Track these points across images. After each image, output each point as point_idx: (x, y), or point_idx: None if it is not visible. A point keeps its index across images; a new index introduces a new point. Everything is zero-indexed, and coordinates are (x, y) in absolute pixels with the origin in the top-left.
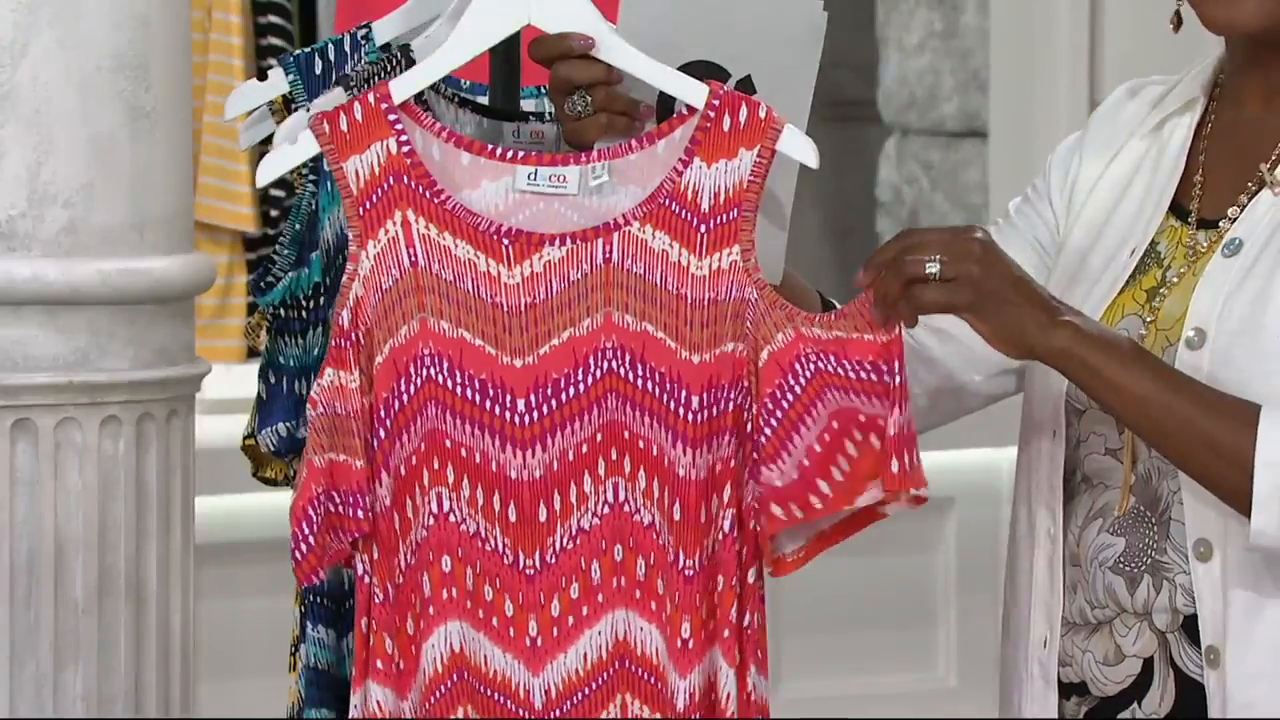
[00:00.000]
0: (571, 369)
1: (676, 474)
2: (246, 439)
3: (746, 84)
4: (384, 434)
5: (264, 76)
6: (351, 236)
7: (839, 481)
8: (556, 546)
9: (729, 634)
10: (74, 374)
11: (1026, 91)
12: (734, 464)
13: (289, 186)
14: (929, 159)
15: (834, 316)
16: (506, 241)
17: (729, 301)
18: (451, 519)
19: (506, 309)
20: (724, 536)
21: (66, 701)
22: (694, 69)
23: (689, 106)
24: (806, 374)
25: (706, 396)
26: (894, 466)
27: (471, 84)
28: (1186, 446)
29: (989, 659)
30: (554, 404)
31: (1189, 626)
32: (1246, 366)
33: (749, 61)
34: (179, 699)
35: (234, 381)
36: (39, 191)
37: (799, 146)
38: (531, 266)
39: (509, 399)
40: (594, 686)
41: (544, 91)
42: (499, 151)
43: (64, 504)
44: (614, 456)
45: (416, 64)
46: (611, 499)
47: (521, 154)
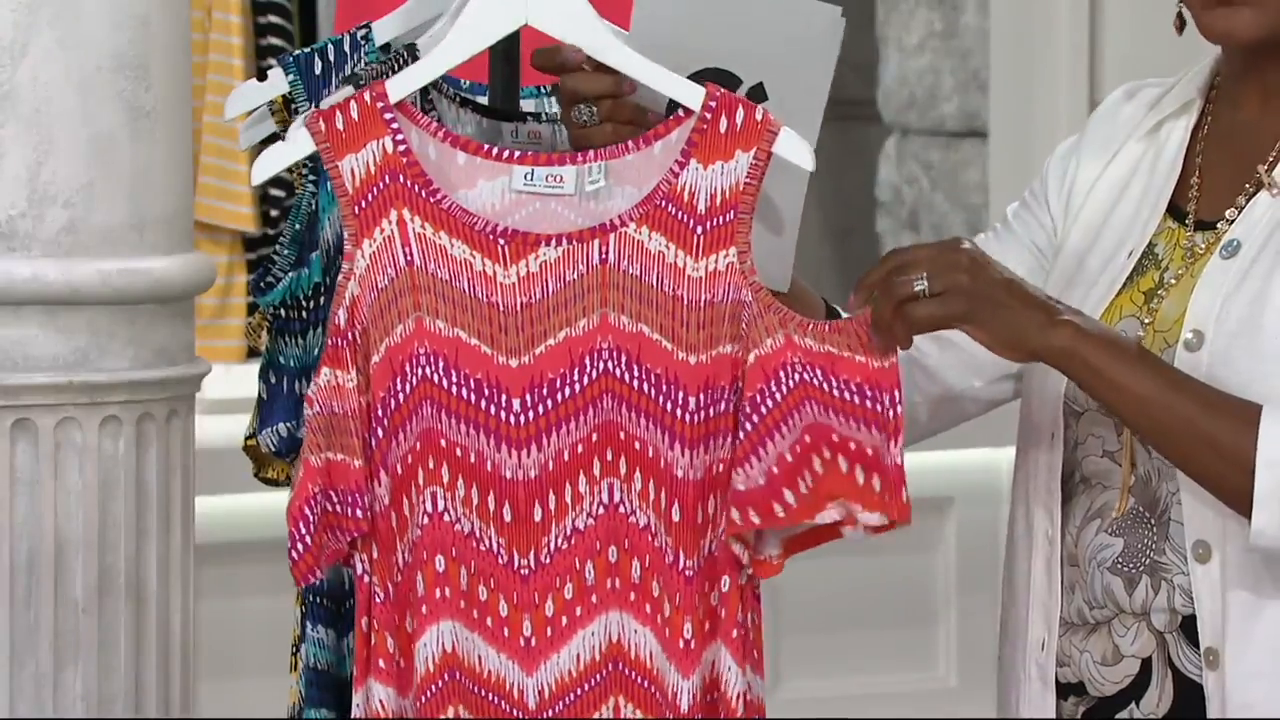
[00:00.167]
0: (567, 369)
1: (674, 475)
2: (247, 439)
3: (758, 91)
4: (382, 433)
5: (264, 76)
6: (347, 235)
7: (803, 494)
8: (551, 547)
9: (738, 634)
10: (74, 374)
11: (1026, 91)
12: None
13: (289, 186)
14: (929, 159)
15: (829, 329)
16: (502, 241)
17: (725, 303)
18: (446, 518)
19: (502, 309)
20: (726, 537)
21: (66, 701)
22: (705, 76)
23: (685, 108)
24: (790, 383)
25: (704, 397)
26: (904, 497)
27: (472, 84)
28: (1187, 446)
29: (989, 659)
30: (549, 404)
31: (1187, 627)
32: (1245, 368)
33: (764, 68)
34: (179, 699)
35: (234, 381)
36: (39, 191)
37: (795, 149)
38: (527, 266)
39: (504, 398)
40: (586, 688)
41: (544, 91)
42: (495, 151)
43: (64, 504)
44: (609, 457)
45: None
46: (606, 500)
47: (518, 154)
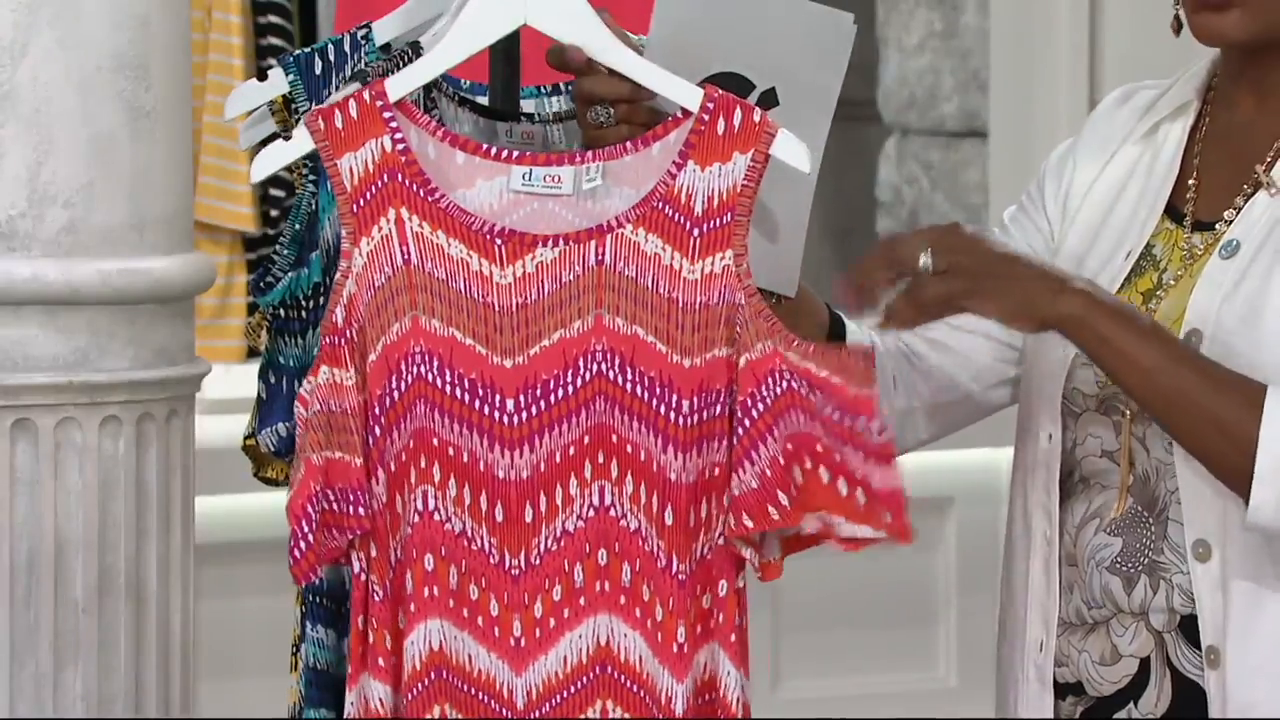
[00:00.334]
0: (561, 370)
1: (667, 478)
2: (247, 439)
3: (770, 95)
4: (379, 431)
5: (264, 76)
6: (345, 233)
7: (794, 497)
8: (541, 548)
9: (735, 638)
10: (74, 374)
11: (1026, 91)
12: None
13: (289, 186)
14: (929, 159)
15: (811, 349)
16: (499, 241)
17: (721, 306)
18: (436, 517)
19: (498, 309)
20: (722, 540)
21: (66, 701)
22: (720, 80)
23: (683, 109)
24: (780, 387)
25: (697, 400)
26: (905, 518)
27: (472, 84)
28: (1191, 420)
29: (989, 659)
30: (543, 405)
31: (1186, 627)
32: (1244, 367)
33: (776, 73)
34: (179, 699)
35: (234, 381)
36: (39, 191)
37: (792, 151)
38: (524, 267)
39: (498, 399)
40: (573, 690)
41: (543, 91)
42: (494, 151)
43: (64, 504)
44: (600, 460)
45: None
46: (597, 502)
47: (516, 154)
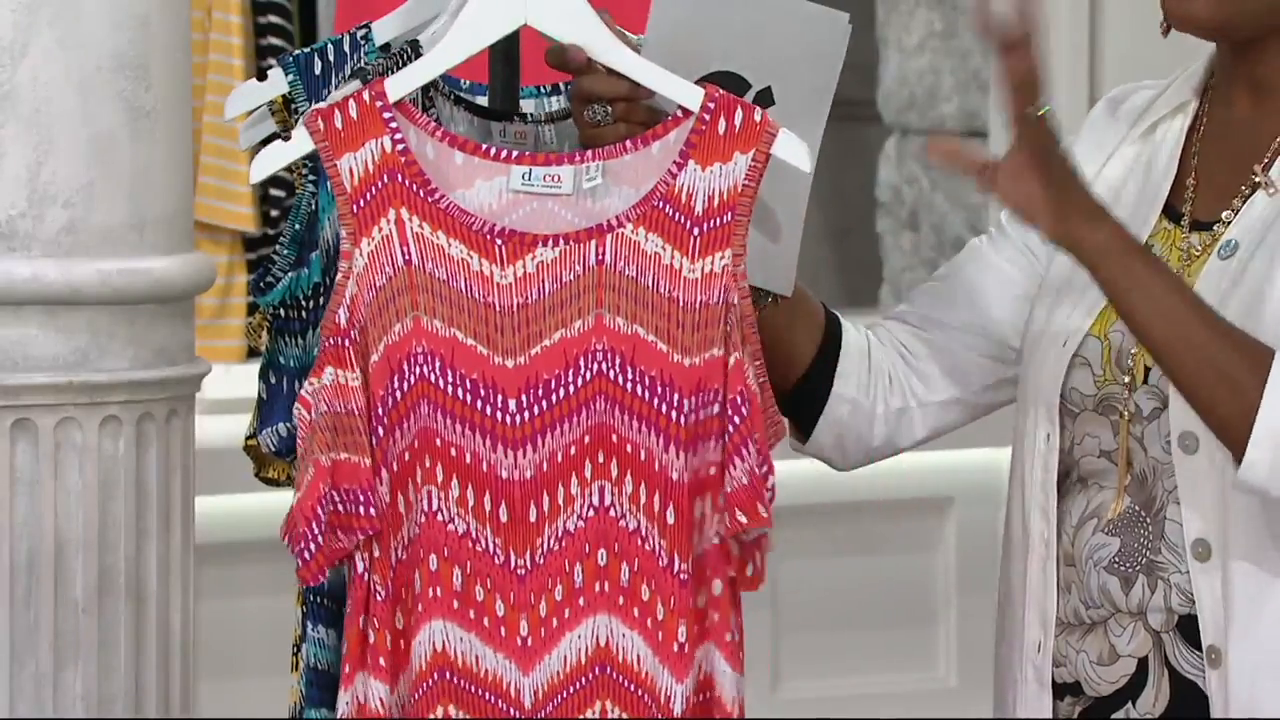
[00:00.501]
0: (562, 370)
1: (669, 478)
2: (248, 439)
3: (765, 94)
4: (382, 432)
5: (264, 76)
6: (345, 234)
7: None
8: (544, 548)
9: (730, 637)
10: (74, 374)
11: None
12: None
13: (289, 186)
14: (929, 159)
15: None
16: (500, 241)
17: (719, 305)
18: (440, 518)
19: (499, 309)
20: (719, 540)
21: (66, 701)
22: (716, 79)
23: (683, 109)
24: (753, 388)
25: (696, 399)
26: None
27: (471, 84)
28: (1200, 372)
29: (989, 659)
30: (544, 405)
31: (1184, 626)
32: None
33: (772, 72)
34: (179, 699)
35: (234, 381)
36: (39, 191)
37: (793, 151)
38: (524, 267)
39: (500, 399)
40: (572, 690)
41: (543, 91)
42: (493, 151)
43: (64, 504)
44: (600, 460)
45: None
46: (596, 502)
47: (515, 154)
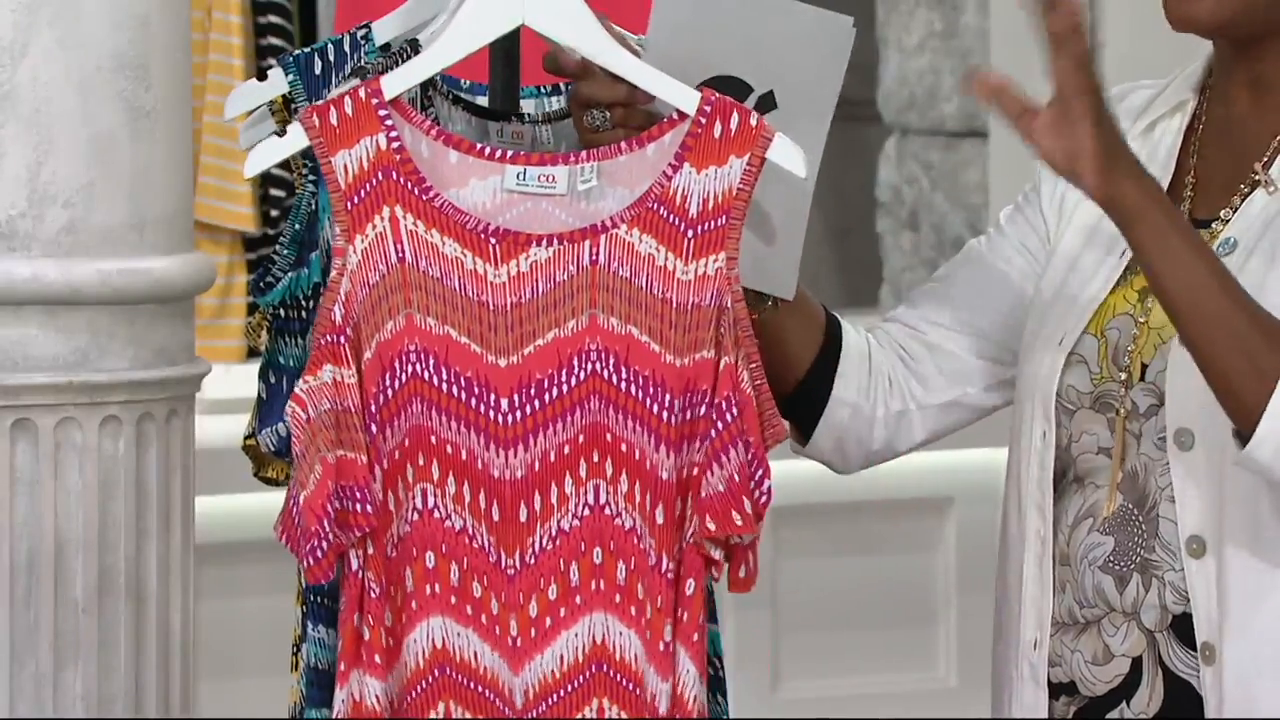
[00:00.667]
0: (555, 370)
1: (659, 477)
2: (247, 439)
3: (768, 99)
4: (374, 428)
5: (264, 76)
6: (339, 231)
7: (757, 504)
8: (536, 547)
9: (698, 638)
10: (74, 374)
11: (1026, 91)
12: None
13: (289, 186)
14: (929, 159)
15: (763, 385)
16: (494, 240)
17: (711, 308)
18: (436, 515)
19: (492, 308)
20: (692, 540)
21: (66, 701)
22: (718, 83)
23: (679, 111)
24: (748, 392)
25: (684, 400)
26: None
27: (472, 84)
28: (1219, 341)
29: (989, 659)
30: (537, 404)
31: (1178, 626)
32: None
33: (774, 76)
34: (179, 699)
35: (234, 381)
36: (39, 191)
37: (788, 155)
38: (518, 266)
39: (493, 397)
40: (569, 689)
41: (543, 92)
42: (488, 150)
43: (64, 504)
44: (595, 459)
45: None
46: (592, 501)
47: (510, 153)
